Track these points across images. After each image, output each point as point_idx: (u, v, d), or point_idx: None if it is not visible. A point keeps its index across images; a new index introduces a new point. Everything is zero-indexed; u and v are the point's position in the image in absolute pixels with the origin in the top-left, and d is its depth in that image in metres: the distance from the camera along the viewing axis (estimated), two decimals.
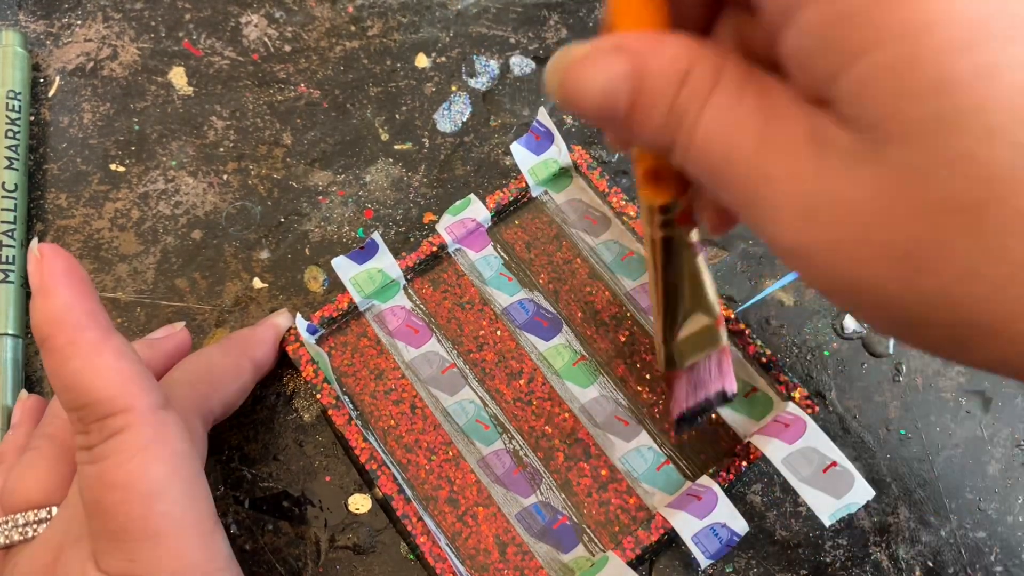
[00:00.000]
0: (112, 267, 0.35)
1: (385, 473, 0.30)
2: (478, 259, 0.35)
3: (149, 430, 0.22)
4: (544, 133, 0.35)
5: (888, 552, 0.31)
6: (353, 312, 0.34)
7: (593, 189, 0.36)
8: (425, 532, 0.29)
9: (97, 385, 0.22)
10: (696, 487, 0.30)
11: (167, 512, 0.22)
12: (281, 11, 0.40)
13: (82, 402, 0.22)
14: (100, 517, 0.22)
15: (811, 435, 0.30)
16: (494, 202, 0.35)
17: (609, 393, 0.32)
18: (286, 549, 0.31)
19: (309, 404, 0.33)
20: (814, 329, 0.34)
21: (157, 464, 0.22)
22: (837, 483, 0.29)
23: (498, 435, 0.32)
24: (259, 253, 0.36)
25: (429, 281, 0.34)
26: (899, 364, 0.33)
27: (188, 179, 0.37)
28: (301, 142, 0.38)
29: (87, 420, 0.22)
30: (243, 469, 0.32)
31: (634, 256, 0.35)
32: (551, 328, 0.34)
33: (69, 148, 0.38)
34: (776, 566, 0.31)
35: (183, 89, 0.39)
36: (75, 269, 0.23)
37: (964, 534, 0.31)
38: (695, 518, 0.29)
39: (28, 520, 0.26)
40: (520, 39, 0.40)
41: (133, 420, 0.22)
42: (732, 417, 0.32)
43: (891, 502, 0.31)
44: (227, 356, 0.30)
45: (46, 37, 0.40)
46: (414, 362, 0.33)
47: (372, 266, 0.33)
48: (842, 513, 0.29)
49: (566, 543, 0.30)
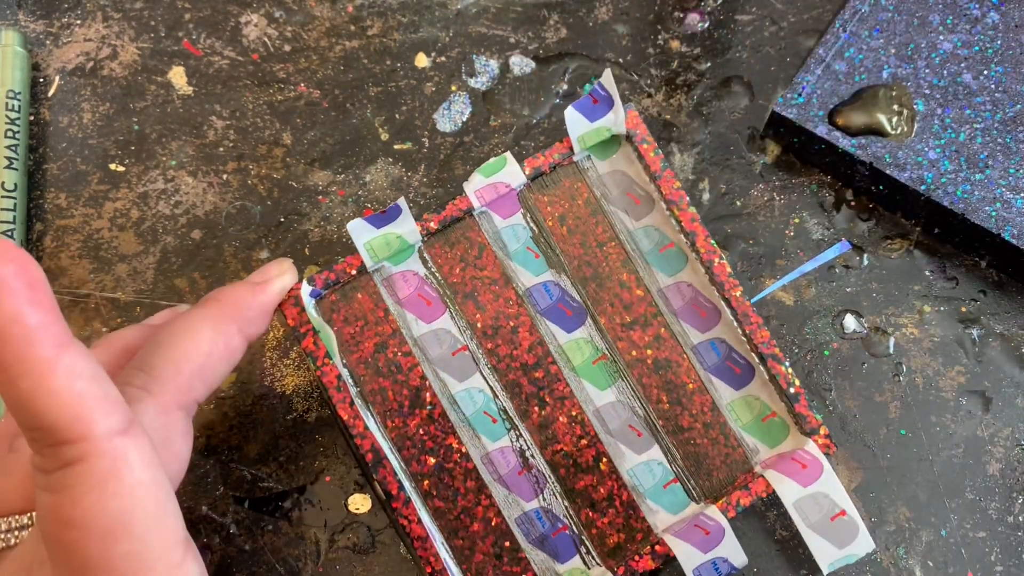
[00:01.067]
0: (112, 267, 0.35)
1: (386, 467, 0.29)
2: (504, 227, 0.32)
3: (106, 462, 0.20)
4: (604, 98, 0.32)
5: (888, 552, 0.31)
6: (362, 276, 0.31)
7: (642, 163, 0.32)
8: (419, 524, 0.29)
9: (49, 410, 0.19)
10: (704, 519, 0.29)
11: (128, 552, 0.21)
12: (281, 11, 0.40)
13: (34, 425, 0.20)
14: (58, 552, 0.21)
15: (826, 480, 0.29)
16: (533, 167, 0.32)
17: (626, 400, 0.31)
18: (286, 549, 0.31)
19: (309, 404, 0.33)
20: (814, 329, 0.34)
21: (115, 500, 0.20)
22: (842, 533, 0.29)
23: (506, 431, 0.31)
24: (259, 253, 0.36)
25: (447, 244, 0.32)
26: (899, 364, 0.33)
27: (188, 179, 0.37)
28: (301, 142, 0.38)
29: (41, 444, 0.20)
30: (243, 469, 0.32)
31: (673, 248, 0.32)
32: (575, 318, 0.32)
33: (69, 148, 0.38)
34: (776, 566, 0.31)
35: (183, 89, 0.39)
36: (27, 271, 0.19)
37: (964, 534, 0.31)
38: (699, 551, 0.28)
39: (11, 526, 0.24)
40: (520, 39, 0.40)
41: (89, 450, 0.20)
42: (746, 440, 0.31)
43: (891, 502, 0.31)
44: (216, 329, 0.27)
45: (46, 37, 0.40)
46: (424, 339, 0.31)
47: (391, 230, 0.31)
48: (841, 563, 0.29)
49: (564, 553, 0.30)
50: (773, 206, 0.36)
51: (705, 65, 0.39)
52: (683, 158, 0.37)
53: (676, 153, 0.37)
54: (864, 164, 0.34)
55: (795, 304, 0.34)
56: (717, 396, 0.31)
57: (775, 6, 0.40)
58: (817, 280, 0.35)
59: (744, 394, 0.31)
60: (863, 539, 0.29)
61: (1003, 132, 0.34)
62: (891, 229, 0.35)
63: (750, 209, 0.36)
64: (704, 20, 0.40)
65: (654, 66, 0.39)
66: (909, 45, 0.36)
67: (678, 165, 0.37)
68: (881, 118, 0.34)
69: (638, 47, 0.39)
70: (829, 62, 0.36)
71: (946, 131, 0.34)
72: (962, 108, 0.35)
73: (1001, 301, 0.34)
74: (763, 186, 0.36)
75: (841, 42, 0.36)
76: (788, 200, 0.36)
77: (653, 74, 0.39)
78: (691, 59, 0.39)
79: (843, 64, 0.36)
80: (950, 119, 0.35)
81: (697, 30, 0.39)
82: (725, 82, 0.38)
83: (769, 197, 0.36)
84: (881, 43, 0.36)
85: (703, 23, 0.40)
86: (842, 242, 0.35)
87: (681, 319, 0.32)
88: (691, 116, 0.38)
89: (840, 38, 0.36)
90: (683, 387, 0.31)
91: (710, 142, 0.37)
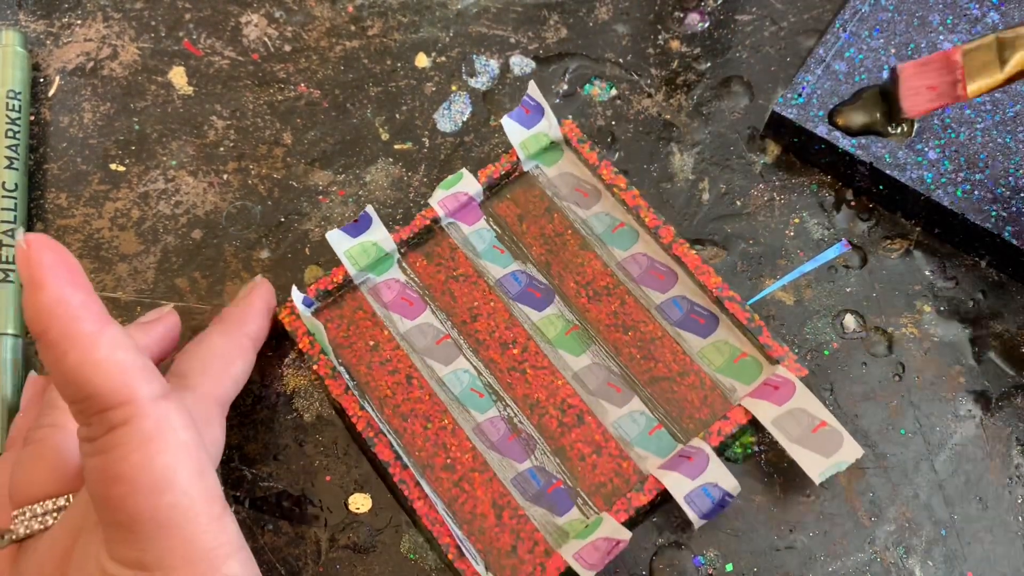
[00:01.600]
0: (112, 267, 0.35)
1: (382, 440, 0.30)
2: (471, 233, 0.35)
3: (151, 422, 0.22)
4: (534, 107, 0.36)
5: (888, 552, 0.31)
6: (348, 285, 0.34)
7: (583, 162, 0.36)
8: (422, 497, 0.30)
9: (96, 379, 0.22)
10: (687, 448, 0.30)
11: (174, 503, 0.22)
12: (281, 11, 0.40)
13: (82, 396, 0.22)
14: (107, 510, 0.23)
15: (800, 396, 0.30)
16: (486, 176, 0.35)
17: (601, 361, 0.33)
18: (286, 549, 0.31)
19: (309, 404, 0.33)
20: (814, 329, 0.34)
21: (161, 455, 0.22)
22: (826, 442, 0.29)
23: (492, 403, 0.32)
24: (259, 253, 0.36)
25: (423, 255, 0.35)
26: (899, 364, 0.33)
27: (188, 179, 0.37)
28: (301, 142, 0.38)
29: (88, 413, 0.22)
30: (243, 469, 0.32)
31: (625, 227, 0.35)
32: (544, 299, 0.34)
33: (69, 148, 0.38)
34: (776, 566, 0.31)
35: (183, 89, 0.39)
36: (65, 259, 0.22)
37: (964, 534, 0.31)
38: (687, 479, 0.29)
39: (47, 509, 0.26)
40: (520, 39, 0.40)
41: (134, 412, 0.22)
42: (723, 381, 0.32)
43: (891, 502, 0.31)
44: (226, 336, 0.31)
45: (46, 37, 0.40)
46: (409, 333, 0.34)
47: (366, 239, 0.34)
48: (832, 471, 0.29)
49: (561, 506, 0.31)
50: (773, 206, 0.36)
51: (705, 65, 0.39)
52: (683, 158, 0.37)
53: (676, 153, 0.37)
54: (864, 164, 0.34)
55: (795, 304, 0.34)
56: (687, 346, 0.33)
57: (775, 6, 0.40)
58: (817, 280, 0.35)
59: (712, 340, 0.33)
60: (849, 446, 0.29)
61: (1003, 132, 0.34)
62: (891, 229, 0.35)
63: (750, 209, 0.36)
64: (704, 20, 0.40)
65: (654, 66, 0.39)
66: (909, 45, 0.36)
67: (678, 165, 0.37)
68: (881, 118, 0.34)
69: (638, 47, 0.39)
70: (829, 62, 0.36)
71: (946, 131, 0.34)
72: (962, 108, 0.35)
73: (1001, 301, 0.34)
74: (763, 186, 0.36)
75: (841, 42, 0.36)
76: (788, 200, 0.36)
77: (653, 74, 0.39)
78: (691, 59, 0.39)
79: (843, 64, 0.36)
80: (950, 119, 0.35)
81: (697, 30, 0.39)
82: (725, 82, 0.38)
83: (769, 197, 0.36)
84: (881, 43, 0.36)
85: (703, 23, 0.40)
86: (842, 242, 0.35)
87: (641, 284, 0.34)
88: (691, 116, 0.38)
89: (840, 38, 0.36)
90: (652, 342, 0.33)
91: (710, 142, 0.37)
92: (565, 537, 0.30)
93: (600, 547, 0.28)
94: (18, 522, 0.26)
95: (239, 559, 0.24)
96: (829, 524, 0.31)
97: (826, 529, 0.31)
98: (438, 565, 0.31)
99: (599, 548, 0.28)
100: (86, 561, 0.24)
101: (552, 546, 0.30)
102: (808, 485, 0.31)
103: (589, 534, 0.29)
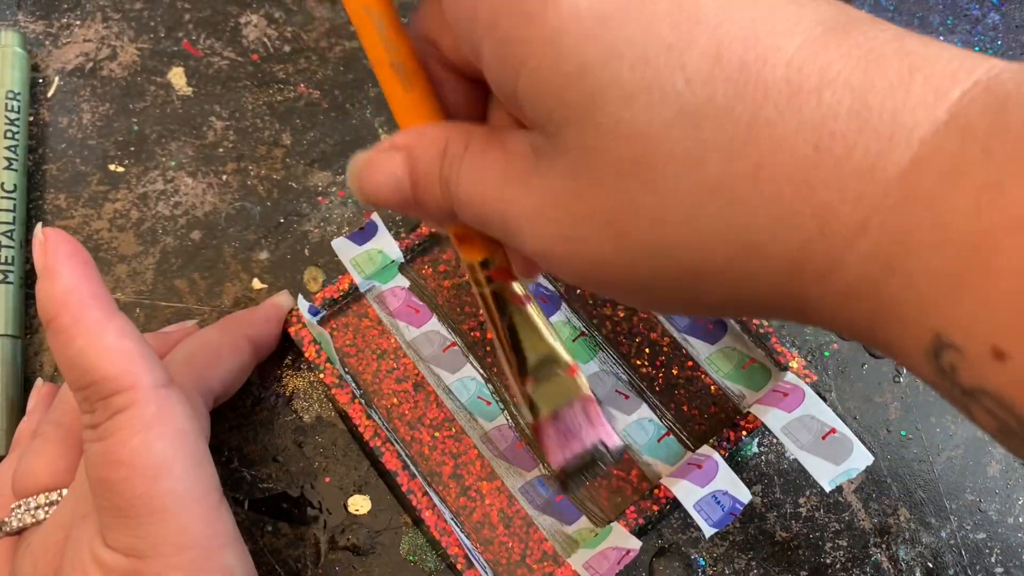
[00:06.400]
0: (111, 268, 0.35)
1: (389, 449, 0.30)
2: None
3: (152, 407, 0.23)
4: None
5: (888, 553, 0.31)
6: (354, 293, 0.34)
7: None
8: (430, 507, 0.29)
9: (101, 364, 0.22)
10: (696, 456, 0.30)
11: (171, 489, 0.23)
12: (281, 11, 0.40)
13: (87, 381, 0.23)
14: (105, 494, 0.23)
15: (809, 403, 0.30)
16: None
17: (609, 368, 0.33)
18: (286, 550, 0.31)
19: (308, 405, 0.33)
20: (814, 329, 0.34)
21: (160, 441, 0.23)
22: (837, 449, 0.29)
23: (500, 411, 0.32)
24: (258, 254, 0.36)
25: (429, 262, 0.35)
26: (899, 365, 0.33)
27: (187, 179, 0.37)
28: (301, 142, 0.38)
29: (92, 399, 0.23)
30: (242, 470, 0.32)
31: None
32: (551, 305, 0.34)
33: (68, 149, 0.38)
34: (776, 567, 0.31)
35: (182, 89, 0.39)
36: (79, 252, 0.23)
37: (964, 535, 0.31)
38: (697, 486, 0.29)
39: (39, 503, 0.27)
40: None
41: (137, 398, 0.23)
42: (731, 388, 0.32)
43: (891, 503, 0.31)
44: (224, 334, 0.31)
45: (45, 37, 0.40)
46: (415, 341, 0.33)
47: (372, 247, 0.34)
48: (842, 479, 0.29)
49: (569, 515, 0.31)
50: None
51: None
52: None
53: None
54: None
55: None
56: (695, 353, 0.33)
57: None
58: None
59: (720, 347, 0.33)
60: (860, 453, 0.29)
61: None
62: None
63: None
64: None
65: None
66: None
67: None
68: None
69: None
70: None
71: None
72: None
73: None
74: None
75: None
76: None
77: None
78: None
79: None
80: None
81: None
82: None
83: None
84: None
85: None
86: None
87: None
88: None
89: None
90: (660, 349, 0.33)
91: None
92: (575, 546, 0.30)
93: (610, 556, 0.28)
94: (13, 515, 0.27)
95: (234, 551, 0.24)
96: (829, 525, 0.31)
97: (826, 530, 0.31)
98: (438, 567, 0.31)
99: (609, 557, 0.28)
100: (79, 550, 0.24)
101: (561, 555, 0.30)
102: (808, 486, 0.31)
103: (599, 543, 0.29)
